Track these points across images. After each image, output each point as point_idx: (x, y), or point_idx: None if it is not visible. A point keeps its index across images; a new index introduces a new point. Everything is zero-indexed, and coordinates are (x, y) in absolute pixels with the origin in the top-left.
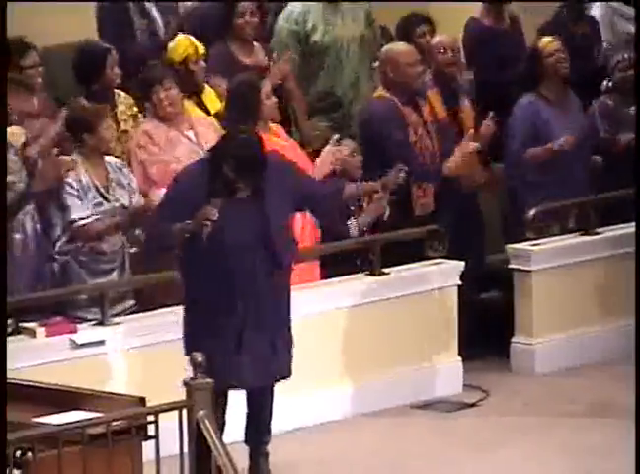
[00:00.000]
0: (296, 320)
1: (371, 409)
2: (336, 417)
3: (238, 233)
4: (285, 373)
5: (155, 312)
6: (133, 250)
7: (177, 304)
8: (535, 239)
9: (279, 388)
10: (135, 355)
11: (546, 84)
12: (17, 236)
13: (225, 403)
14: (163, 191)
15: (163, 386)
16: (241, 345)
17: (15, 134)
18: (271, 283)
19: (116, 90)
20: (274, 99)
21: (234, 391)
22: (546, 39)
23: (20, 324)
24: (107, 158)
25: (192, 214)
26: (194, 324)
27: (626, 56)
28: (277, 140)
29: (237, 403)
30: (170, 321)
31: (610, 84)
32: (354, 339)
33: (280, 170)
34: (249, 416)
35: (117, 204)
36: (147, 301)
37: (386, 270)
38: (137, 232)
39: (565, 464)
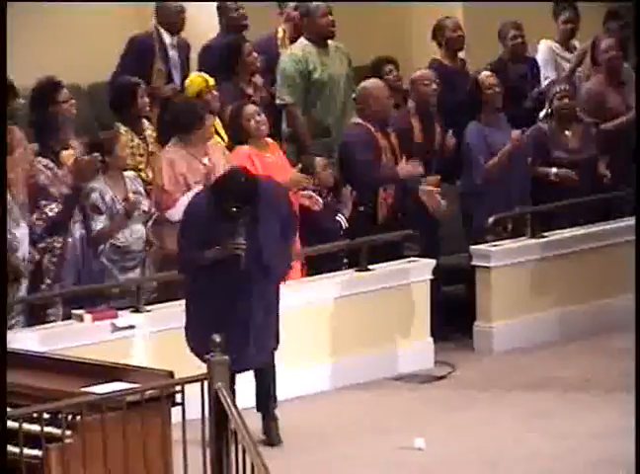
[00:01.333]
0: (301, 306)
1: (359, 380)
2: (330, 387)
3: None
4: (265, 360)
5: (178, 302)
6: (153, 249)
7: None
8: (493, 241)
9: (285, 364)
10: (164, 336)
11: (485, 110)
12: (69, 240)
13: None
14: (176, 209)
15: (186, 362)
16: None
17: (69, 155)
18: (261, 293)
19: (143, 119)
20: (258, 119)
21: None
22: (485, 73)
23: (71, 311)
24: (125, 173)
25: (208, 241)
26: (199, 324)
27: (563, 88)
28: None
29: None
30: None
31: (549, 111)
32: (345, 323)
33: (275, 197)
34: (257, 388)
35: (138, 212)
36: (169, 293)
37: (371, 266)
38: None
39: (517, 423)
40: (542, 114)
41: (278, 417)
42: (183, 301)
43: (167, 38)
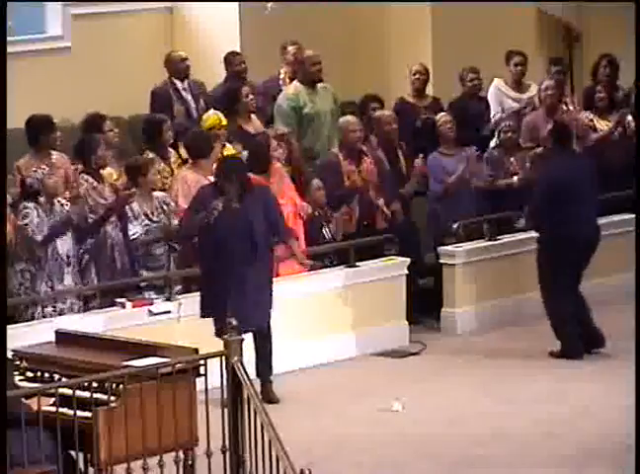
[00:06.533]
0: (303, 295)
1: (349, 355)
2: (325, 360)
3: (232, 229)
4: (264, 324)
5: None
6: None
7: None
8: (457, 243)
9: (290, 342)
10: (190, 320)
11: (442, 143)
12: (108, 241)
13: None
14: None
15: (208, 341)
16: (230, 303)
17: (111, 174)
18: (252, 263)
19: (169, 147)
20: (280, 150)
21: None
22: (440, 114)
23: (115, 299)
24: (155, 193)
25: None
26: (205, 290)
27: (509, 123)
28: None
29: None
30: None
31: (497, 142)
32: (338, 309)
33: (263, 195)
34: (257, 356)
35: (161, 224)
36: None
37: (358, 264)
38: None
39: (475, 389)
40: (492, 144)
41: (272, 380)
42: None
43: (179, 83)
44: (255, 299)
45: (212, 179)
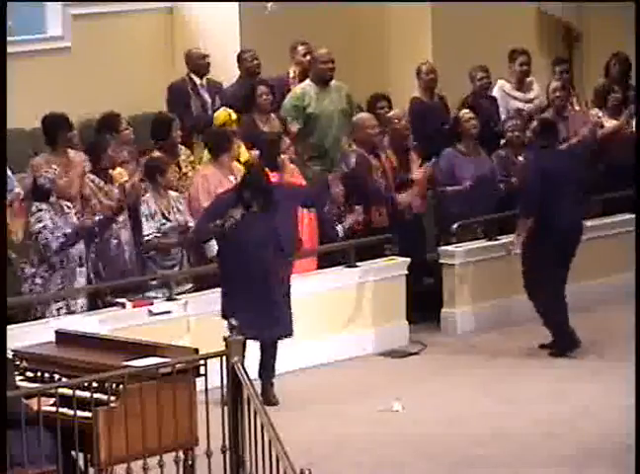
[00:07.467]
0: (303, 295)
1: (347, 355)
2: (326, 360)
3: (253, 235)
4: (288, 332)
5: (205, 292)
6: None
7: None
8: (457, 243)
9: (290, 341)
10: (191, 320)
11: (463, 141)
12: (114, 241)
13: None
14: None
15: (209, 341)
16: (253, 310)
17: (121, 173)
18: (275, 271)
19: (179, 145)
20: (292, 149)
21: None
22: (464, 110)
23: (115, 300)
24: (170, 192)
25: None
26: (227, 296)
27: (515, 123)
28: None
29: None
30: (214, 298)
31: (505, 141)
32: (339, 309)
33: (283, 192)
34: (261, 360)
35: (175, 224)
36: (201, 284)
37: (359, 263)
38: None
39: (475, 389)
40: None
41: (274, 383)
42: (208, 291)
43: (197, 80)
44: (271, 312)
45: (232, 178)
